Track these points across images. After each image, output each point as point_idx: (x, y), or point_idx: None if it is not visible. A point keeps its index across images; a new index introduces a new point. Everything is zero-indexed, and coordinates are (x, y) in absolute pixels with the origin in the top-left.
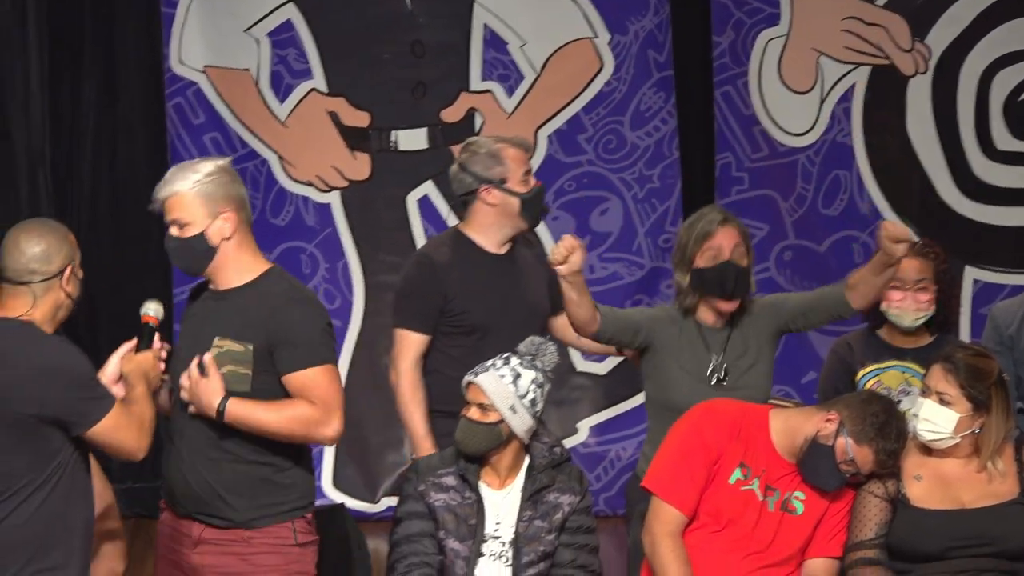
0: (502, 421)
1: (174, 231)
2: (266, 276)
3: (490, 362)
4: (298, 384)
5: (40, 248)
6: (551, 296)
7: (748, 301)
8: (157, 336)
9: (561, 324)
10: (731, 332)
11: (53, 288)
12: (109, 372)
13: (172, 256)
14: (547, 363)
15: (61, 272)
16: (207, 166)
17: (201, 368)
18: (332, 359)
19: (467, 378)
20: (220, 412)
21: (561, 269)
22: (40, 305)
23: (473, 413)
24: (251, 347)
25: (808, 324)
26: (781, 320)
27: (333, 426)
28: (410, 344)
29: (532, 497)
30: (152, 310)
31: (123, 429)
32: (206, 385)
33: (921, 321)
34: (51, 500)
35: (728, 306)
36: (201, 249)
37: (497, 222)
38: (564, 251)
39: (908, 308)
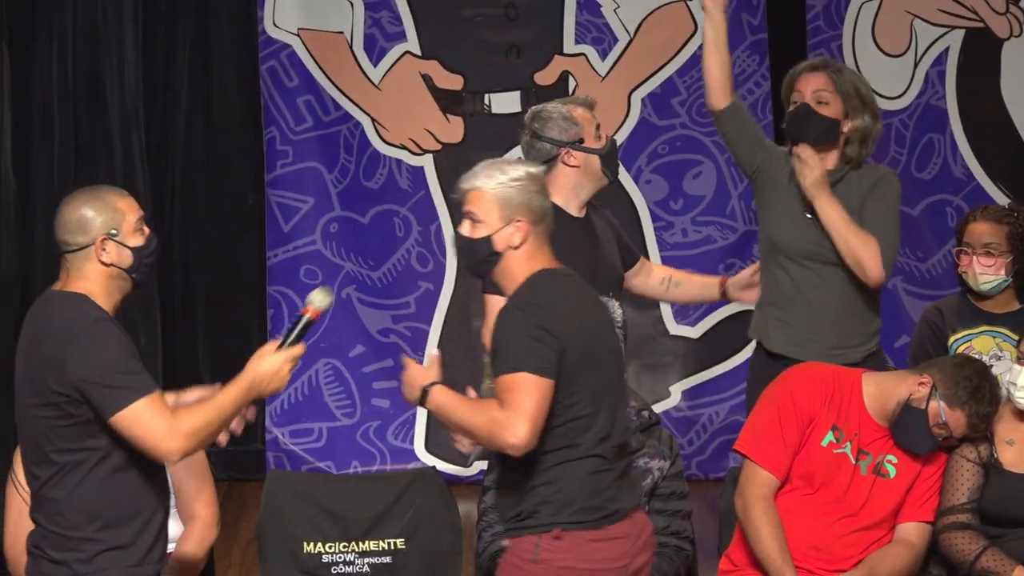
0: None
1: (465, 227)
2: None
3: None
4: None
5: (74, 217)
6: (622, 255)
7: (857, 164)
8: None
9: (638, 282)
10: (837, 184)
11: (89, 259)
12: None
13: (457, 253)
14: (615, 317)
15: (94, 242)
16: (517, 170)
17: None
18: (530, 366)
19: None
20: (425, 393)
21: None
22: (82, 277)
23: None
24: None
25: None
26: (861, 206)
27: (518, 433)
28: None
29: None
30: (317, 301)
31: (142, 426)
32: (421, 371)
33: (991, 285)
34: (116, 477)
35: (800, 151)
36: (484, 252)
37: (579, 183)
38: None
39: (973, 272)
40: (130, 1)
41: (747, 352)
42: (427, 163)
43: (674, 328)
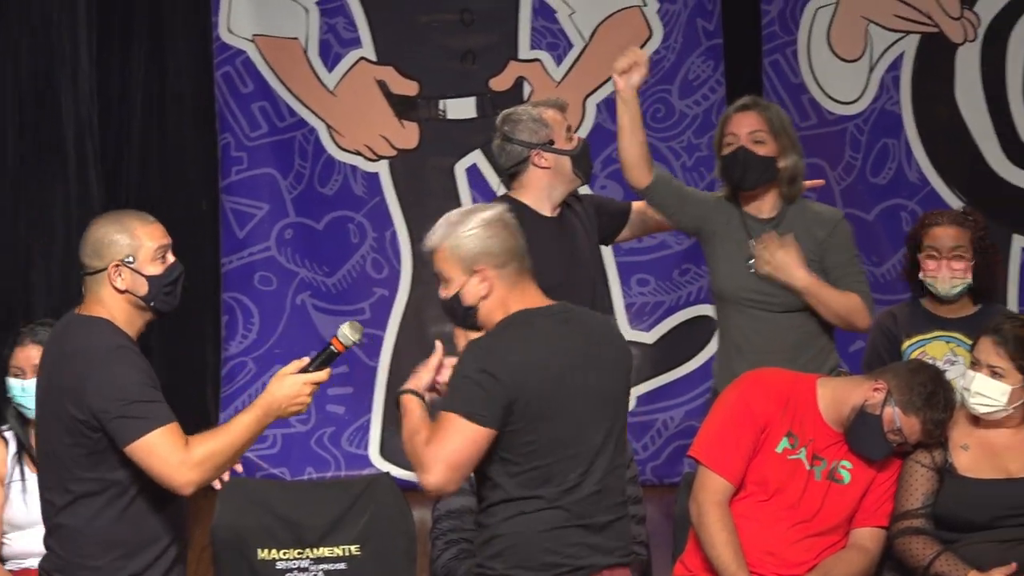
0: None
1: (440, 288)
2: None
3: None
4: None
5: (92, 240)
6: (612, 223)
7: (803, 201)
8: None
9: (649, 219)
10: (779, 225)
11: (104, 283)
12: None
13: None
14: None
15: (108, 267)
16: (470, 220)
17: None
18: (463, 409)
19: None
20: (399, 395)
21: (619, 82)
22: (99, 301)
23: None
24: None
25: None
26: (822, 254)
27: (430, 476)
28: None
29: None
30: (345, 335)
31: (156, 457)
32: (417, 372)
33: (957, 290)
34: (134, 506)
35: (748, 194)
36: (460, 310)
37: (551, 184)
38: (628, 61)
39: (943, 276)
40: (84, 7)
41: (702, 358)
42: (382, 169)
43: (629, 334)
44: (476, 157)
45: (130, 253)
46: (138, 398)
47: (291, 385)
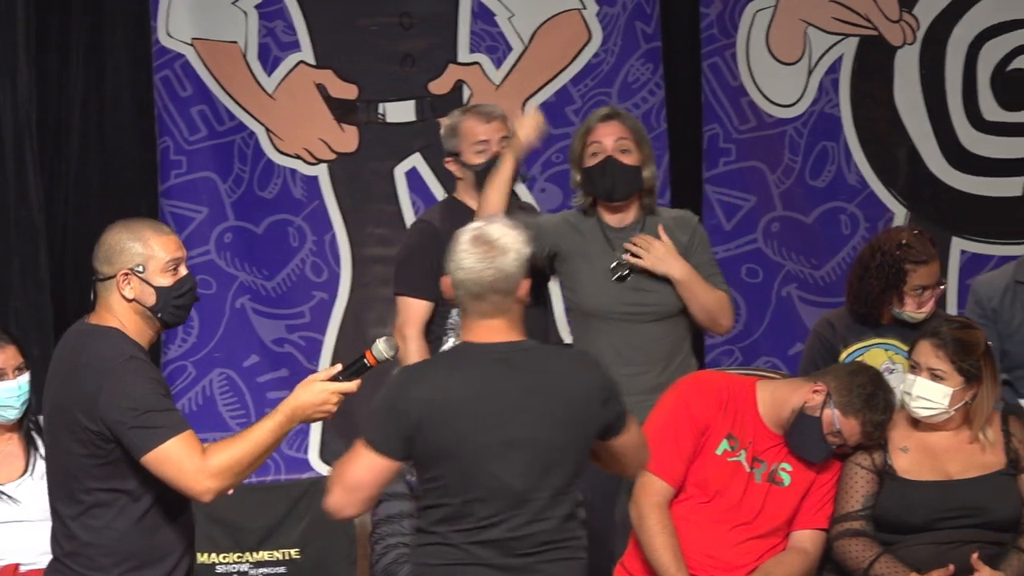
0: None
1: None
2: None
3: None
4: None
5: (105, 246)
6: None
7: (658, 209)
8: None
9: None
10: (639, 232)
11: (111, 291)
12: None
13: None
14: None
15: (117, 275)
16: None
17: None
18: (365, 436)
19: None
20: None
21: (520, 136)
22: (109, 309)
23: None
24: None
25: None
26: (686, 257)
27: (328, 499)
28: (415, 311)
29: None
30: (379, 350)
31: (173, 466)
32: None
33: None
34: (146, 518)
35: (614, 205)
36: None
37: (469, 191)
38: (532, 125)
39: (927, 309)
40: (22, 8)
41: None
42: (322, 172)
43: (568, 338)
44: (415, 160)
45: (141, 262)
46: (152, 407)
47: (319, 392)
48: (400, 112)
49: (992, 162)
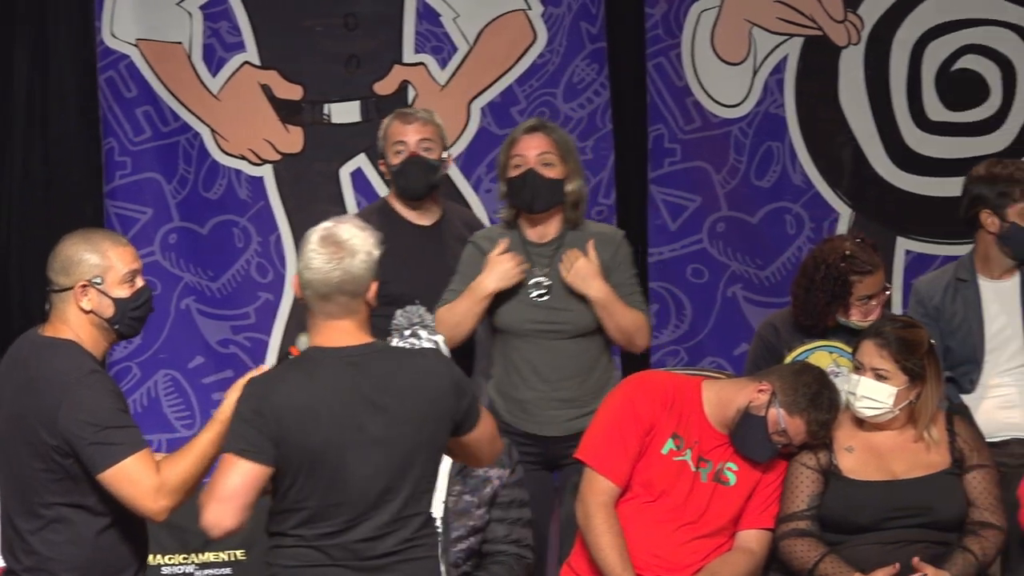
0: None
1: None
2: None
3: (402, 344)
4: None
5: (61, 257)
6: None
7: (585, 222)
8: None
9: None
10: (560, 248)
11: (68, 302)
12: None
13: None
14: (428, 322)
15: (75, 286)
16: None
17: None
18: (233, 447)
19: None
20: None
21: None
22: (64, 321)
23: None
24: None
25: None
26: (606, 274)
27: (205, 515)
28: None
29: (461, 472)
30: (304, 345)
31: (130, 484)
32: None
33: None
34: (105, 533)
35: (534, 218)
36: None
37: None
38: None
39: (873, 317)
40: None
41: None
42: (267, 173)
43: None
44: (361, 161)
45: (99, 274)
46: (111, 423)
47: None
48: (345, 113)
49: (937, 162)
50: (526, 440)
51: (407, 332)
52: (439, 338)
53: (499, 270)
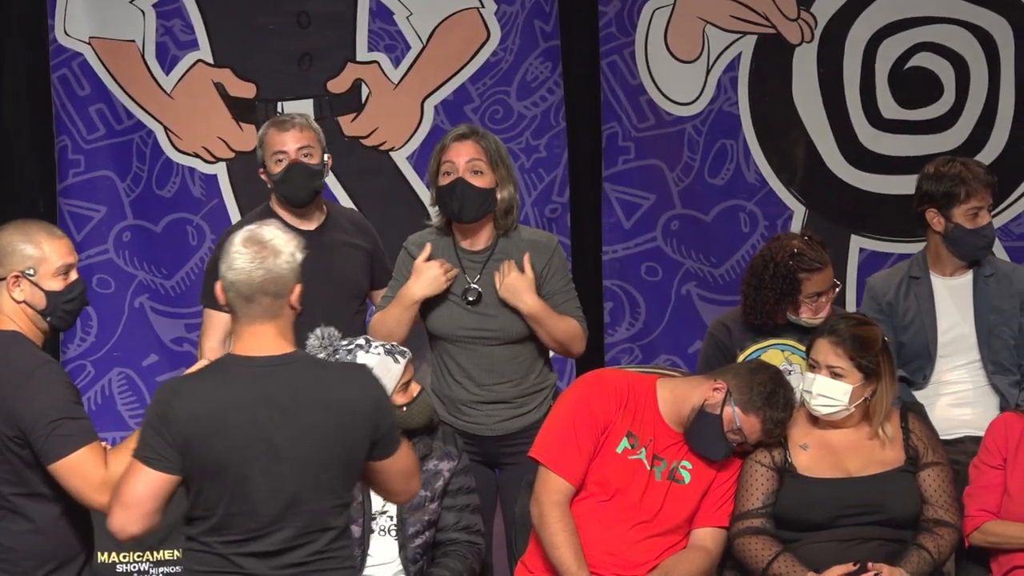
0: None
1: None
2: None
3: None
4: None
5: None
6: (371, 271)
7: (519, 228)
8: None
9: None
10: (491, 255)
11: (1, 292)
12: None
13: None
14: (341, 345)
15: (7, 277)
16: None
17: None
18: (139, 454)
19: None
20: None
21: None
22: (0, 311)
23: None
24: None
25: None
26: (540, 282)
27: (111, 521)
28: (217, 323)
29: None
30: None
31: (79, 476)
32: None
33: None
34: (64, 518)
35: (464, 227)
36: None
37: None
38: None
39: (823, 314)
40: None
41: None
42: (220, 171)
43: None
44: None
45: (32, 265)
46: (65, 414)
47: None
48: (298, 111)
49: (890, 160)
50: (464, 438)
51: (328, 351)
52: (377, 353)
53: (426, 276)
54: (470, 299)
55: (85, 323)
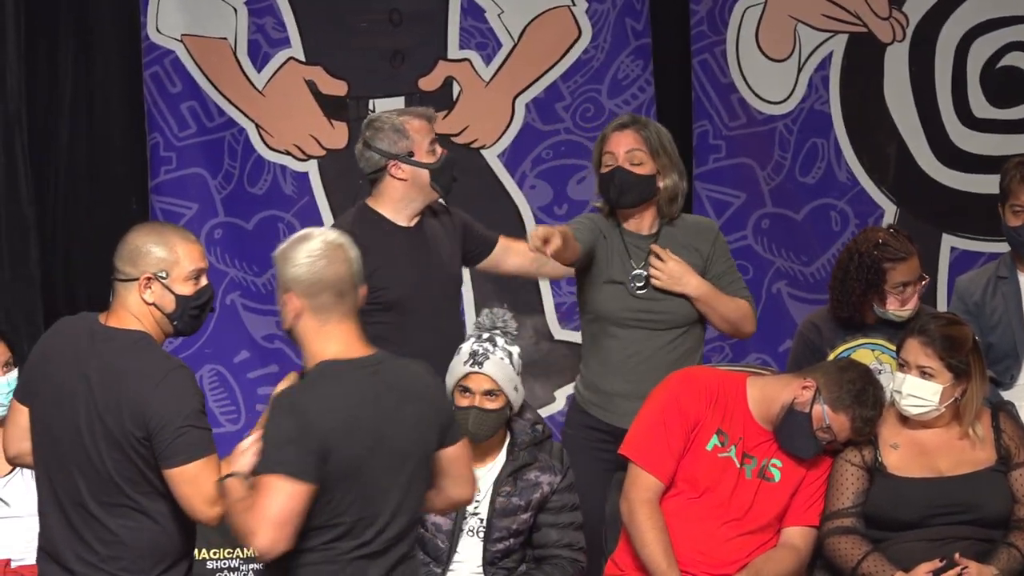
0: (508, 403)
1: None
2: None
3: (476, 347)
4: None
5: (131, 247)
6: (476, 247)
7: (681, 216)
8: None
9: (510, 261)
10: (658, 241)
11: (131, 291)
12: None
13: None
14: (511, 329)
15: (140, 278)
16: (300, 243)
17: None
18: (282, 469)
19: (467, 368)
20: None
21: (545, 251)
22: (126, 309)
23: (484, 402)
24: None
25: None
26: (706, 265)
27: (260, 541)
28: None
29: (513, 474)
30: None
31: (193, 486)
32: (240, 452)
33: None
34: (178, 518)
35: (626, 212)
36: (283, 330)
37: (407, 195)
38: (538, 241)
39: (910, 306)
40: (12, 5)
41: None
42: (311, 169)
43: (559, 333)
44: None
45: (165, 268)
46: (192, 423)
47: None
48: (390, 108)
49: (981, 159)
50: (607, 437)
51: (485, 335)
52: (515, 349)
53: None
54: (638, 285)
55: None
